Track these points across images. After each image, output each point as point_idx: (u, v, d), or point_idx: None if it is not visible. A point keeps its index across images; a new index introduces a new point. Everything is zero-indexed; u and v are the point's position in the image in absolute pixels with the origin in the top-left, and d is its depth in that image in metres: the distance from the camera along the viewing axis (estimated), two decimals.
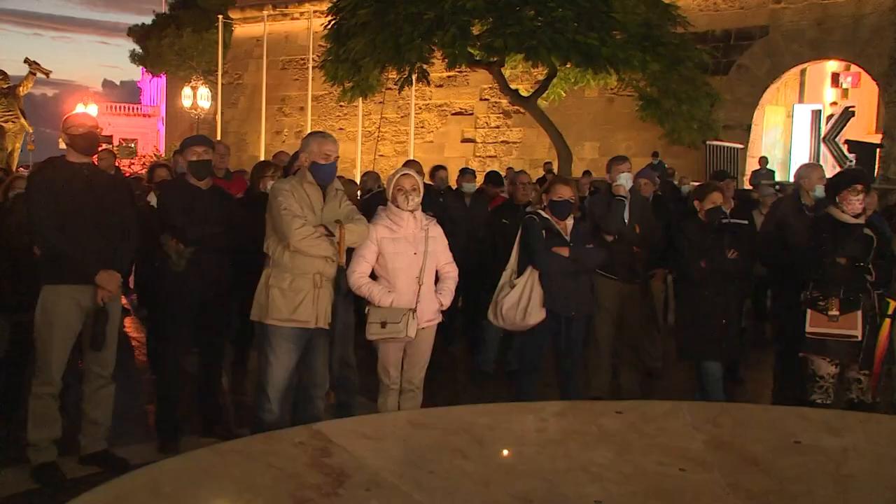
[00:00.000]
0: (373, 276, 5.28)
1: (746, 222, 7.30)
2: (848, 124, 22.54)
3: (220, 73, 29.06)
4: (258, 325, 5.08)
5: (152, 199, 7.32)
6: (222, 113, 29.03)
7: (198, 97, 30.91)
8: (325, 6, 21.03)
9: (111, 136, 38.77)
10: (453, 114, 26.70)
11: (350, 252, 5.14)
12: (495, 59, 17.53)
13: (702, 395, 6.02)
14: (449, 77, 25.21)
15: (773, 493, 2.97)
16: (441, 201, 8.12)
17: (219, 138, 26.57)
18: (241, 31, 31.76)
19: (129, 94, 73.75)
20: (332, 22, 18.71)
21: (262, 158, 22.57)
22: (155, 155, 34.67)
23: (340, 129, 27.54)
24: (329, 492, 2.68)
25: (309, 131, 24.93)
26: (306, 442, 3.06)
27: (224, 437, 5.13)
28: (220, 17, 29.32)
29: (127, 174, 15.67)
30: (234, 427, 5.80)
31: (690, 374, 6.62)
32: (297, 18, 29.25)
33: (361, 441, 3.13)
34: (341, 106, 25.37)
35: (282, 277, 4.95)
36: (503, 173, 11.94)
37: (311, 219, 4.93)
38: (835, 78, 24.01)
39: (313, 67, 24.03)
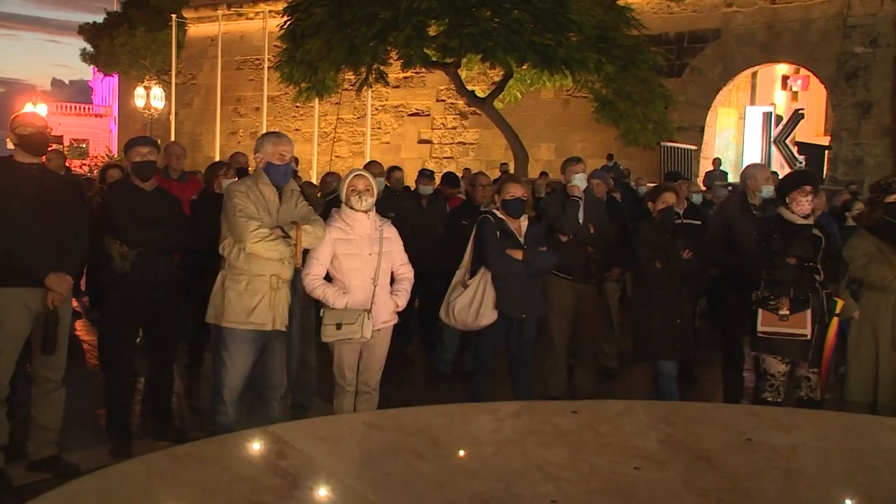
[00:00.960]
0: (328, 277, 5.26)
1: (700, 223, 7.41)
2: (798, 126, 22.94)
3: (173, 72, 28.75)
4: (214, 328, 5.03)
5: None
6: (176, 113, 28.72)
7: (151, 97, 30.55)
8: (280, 6, 20.94)
9: (61, 137, 38.16)
10: (410, 115, 26.69)
11: (307, 253, 5.11)
12: (451, 60, 17.57)
13: (657, 394, 6.09)
14: (405, 78, 25.20)
15: (726, 490, 3.01)
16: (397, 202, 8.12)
17: (173, 139, 26.29)
18: (195, 30, 31.46)
19: (79, 94, 72.55)
20: (288, 22, 18.61)
21: (217, 159, 22.40)
22: (107, 156, 34.20)
23: (296, 129, 27.38)
24: (284, 494, 2.66)
25: (264, 132, 24.80)
26: (261, 444, 3.03)
27: (178, 440, 5.07)
28: (174, 16, 29.03)
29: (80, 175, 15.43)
30: (188, 430, 5.73)
31: (646, 374, 6.68)
32: (252, 18, 29.04)
33: (317, 443, 3.11)
34: (297, 107, 25.27)
35: (238, 279, 4.91)
36: (460, 174, 11.96)
37: (267, 220, 4.89)
38: (785, 81, 24.45)
39: (269, 68, 23.88)
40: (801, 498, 3.01)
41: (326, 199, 7.50)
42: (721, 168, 20.20)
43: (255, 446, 3.04)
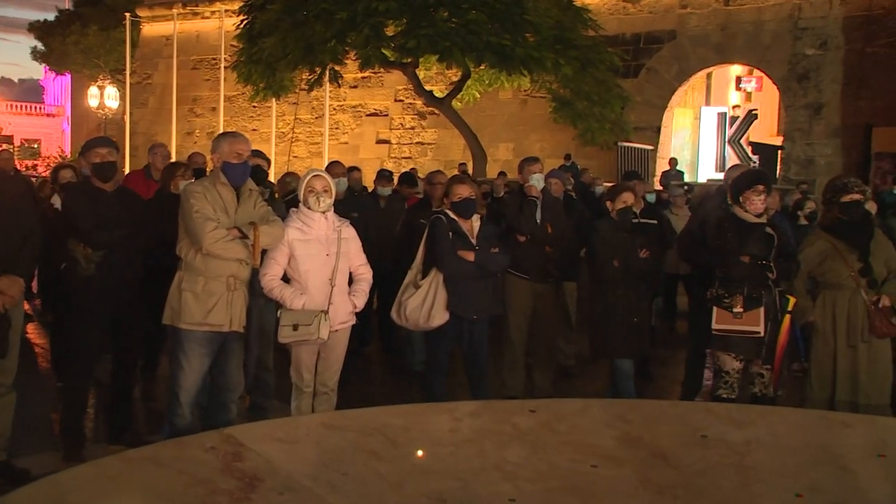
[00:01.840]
0: (285, 278, 5.23)
1: (656, 222, 7.47)
2: (751, 126, 23.26)
3: (128, 72, 28.34)
4: (170, 329, 4.97)
5: (56, 201, 7.09)
6: (131, 113, 28.34)
7: (105, 97, 30.13)
8: (236, 6, 20.78)
9: (11, 137, 37.52)
10: (368, 115, 26.62)
11: (265, 254, 5.07)
12: (409, 60, 17.57)
13: (614, 392, 6.13)
14: (363, 78, 25.14)
15: (681, 487, 3.04)
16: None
17: (127, 139, 25.99)
18: (149, 29, 31.07)
19: (29, 93, 71.00)
20: (244, 22, 18.48)
21: (174, 159, 22.13)
22: (60, 156, 33.65)
23: (254, 129, 27.17)
24: (241, 497, 2.65)
25: (221, 132, 24.57)
26: (218, 447, 3.01)
27: (132, 444, 5.00)
28: (128, 14, 28.62)
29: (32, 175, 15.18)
30: (143, 434, 5.66)
31: (603, 372, 6.73)
32: (208, 18, 28.76)
33: (274, 444, 3.10)
34: (254, 106, 25.09)
35: (194, 281, 4.86)
36: (422, 175, 11.95)
37: (225, 221, 4.85)
38: (739, 82, 24.78)
39: (225, 67, 23.67)
40: (754, 493, 3.06)
41: (285, 200, 7.44)
42: (677, 168, 20.41)
43: (212, 448, 3.02)
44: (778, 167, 21.20)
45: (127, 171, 19.50)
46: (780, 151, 21.48)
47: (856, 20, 19.77)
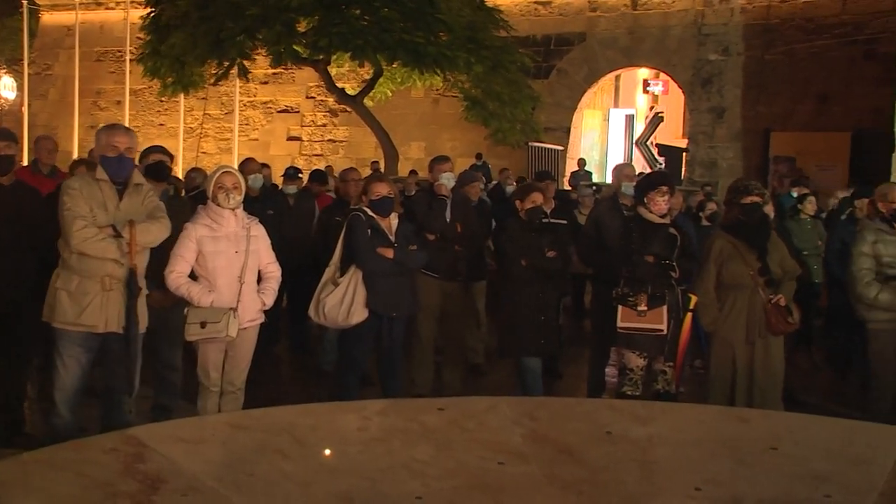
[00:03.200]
0: (193, 275, 5.13)
1: (565, 222, 7.58)
2: (658, 129, 23.82)
3: (25, 62, 27.31)
4: (50, 327, 4.83)
5: None
6: (29, 105, 27.34)
7: (1, 87, 29.03)
8: None
9: None
10: (279, 111, 26.28)
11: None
12: (321, 57, 17.42)
13: (522, 390, 6.20)
14: (274, 74, 24.81)
15: (586, 482, 3.09)
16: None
17: (25, 131, 25.06)
18: (49, 18, 29.98)
19: None
20: (151, 13, 18.05)
21: (76, 153, 21.52)
22: None
23: (161, 124, 26.55)
24: (143, 499, 2.59)
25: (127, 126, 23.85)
26: (119, 448, 2.93)
27: (27, 446, 4.84)
28: (25, 2, 27.59)
29: None
30: (39, 435, 5.48)
31: (512, 370, 6.80)
32: (113, 8, 27.94)
33: (178, 445, 3.04)
34: (161, 101, 24.48)
35: (69, 279, 4.72)
36: (337, 171, 11.89)
37: (102, 218, 4.69)
38: (646, 85, 25.34)
39: (131, 60, 23.06)
40: (656, 487, 3.13)
41: (189, 195, 7.30)
42: (586, 168, 20.76)
43: (112, 450, 2.94)
44: (683, 169, 21.77)
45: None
46: (685, 153, 22.05)
47: (755, 28, 20.43)
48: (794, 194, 10.67)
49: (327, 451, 3.29)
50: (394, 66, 17.53)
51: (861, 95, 18.33)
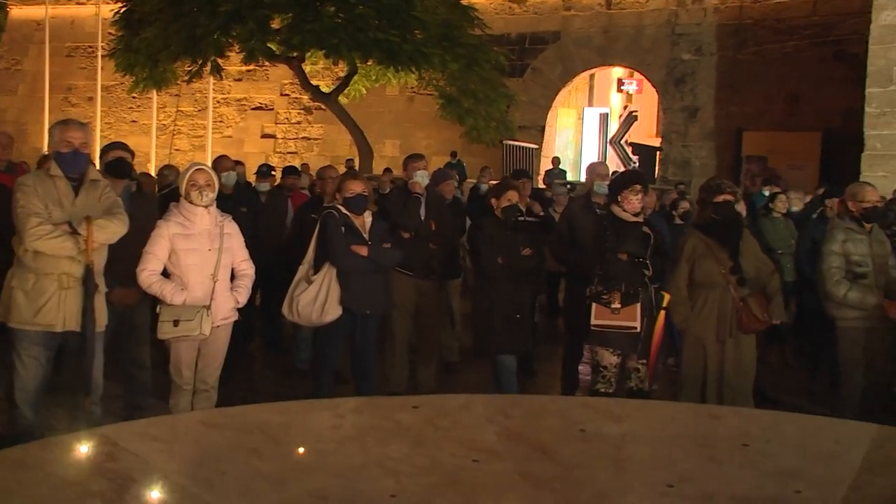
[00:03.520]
0: (166, 273, 5.10)
1: (539, 218, 7.59)
2: (632, 128, 23.93)
3: None
4: (6, 327, 4.77)
5: None
6: None
7: None
8: None
9: None
10: (253, 108, 26.16)
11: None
12: (295, 54, 17.36)
13: (497, 387, 6.21)
14: (248, 71, 24.69)
15: (559, 480, 3.10)
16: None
17: None
18: (18, 12, 29.59)
19: None
20: (123, 9, 17.90)
21: (46, 150, 21.23)
22: None
23: (133, 121, 26.35)
24: (113, 498, 2.56)
25: (98, 123, 23.64)
26: (90, 447, 2.91)
27: None
28: None
29: None
30: (6, 434, 5.41)
31: (486, 368, 6.81)
32: (84, 3, 27.65)
33: (150, 444, 3.01)
34: (134, 97, 24.29)
35: (25, 278, 4.65)
36: (312, 170, 11.85)
37: (57, 215, 4.62)
38: (620, 84, 25.46)
39: (103, 56, 22.84)
40: (628, 484, 3.15)
41: (162, 193, 7.26)
42: (560, 167, 20.83)
43: (83, 449, 2.91)
44: (657, 168, 21.90)
45: None
46: (658, 152, 22.19)
47: (728, 28, 20.59)
48: (766, 193, 10.76)
49: (301, 450, 3.28)
50: (368, 63, 17.50)
51: (831, 96, 18.53)
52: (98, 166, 5.70)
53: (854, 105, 14.53)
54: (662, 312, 5.59)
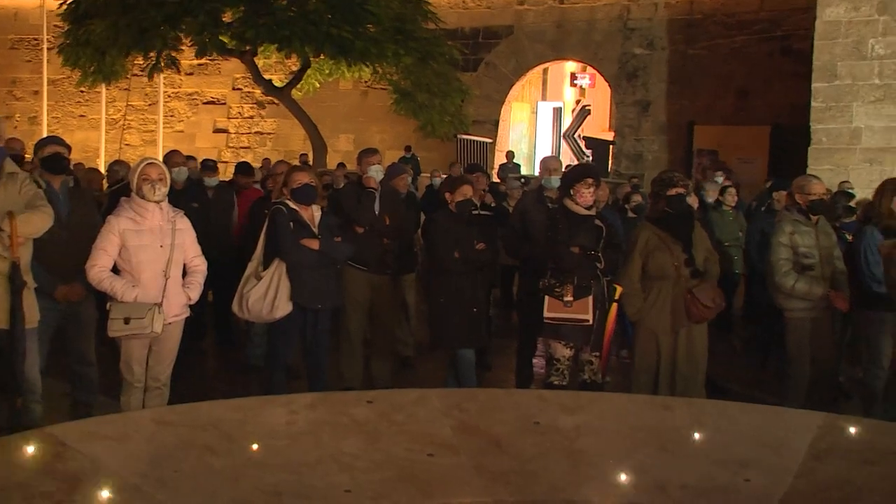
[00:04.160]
0: (116, 269, 5.03)
1: (492, 211, 7.62)
2: (585, 122, 24.07)
3: None
4: None
5: None
6: None
7: None
8: None
9: None
10: (205, 103, 25.84)
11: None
12: (247, 48, 17.18)
13: (455, 381, 6.22)
14: (200, 65, 24.37)
15: (514, 473, 3.13)
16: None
17: None
18: None
19: None
20: (68, 1, 17.57)
21: None
22: None
23: (81, 115, 25.89)
24: (62, 499, 2.52)
25: (45, 118, 23.16)
26: (36, 447, 2.86)
27: None
28: None
29: None
30: None
31: (441, 362, 6.82)
32: None
33: (100, 442, 2.97)
34: (82, 91, 23.86)
35: None
36: (258, 164, 11.75)
37: None
38: (573, 78, 25.59)
39: (49, 49, 22.40)
40: (583, 475, 3.18)
41: (112, 189, 7.15)
42: (514, 161, 20.89)
43: (30, 449, 2.86)
44: (610, 161, 22.06)
45: None
46: (611, 146, 22.35)
47: (678, 23, 20.79)
48: (720, 180, 10.89)
49: (255, 446, 3.26)
50: (321, 58, 17.39)
51: (779, 90, 18.82)
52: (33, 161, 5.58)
53: (801, 99, 14.77)
54: (615, 305, 5.64)
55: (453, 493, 3.01)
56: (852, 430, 3.48)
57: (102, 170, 13.86)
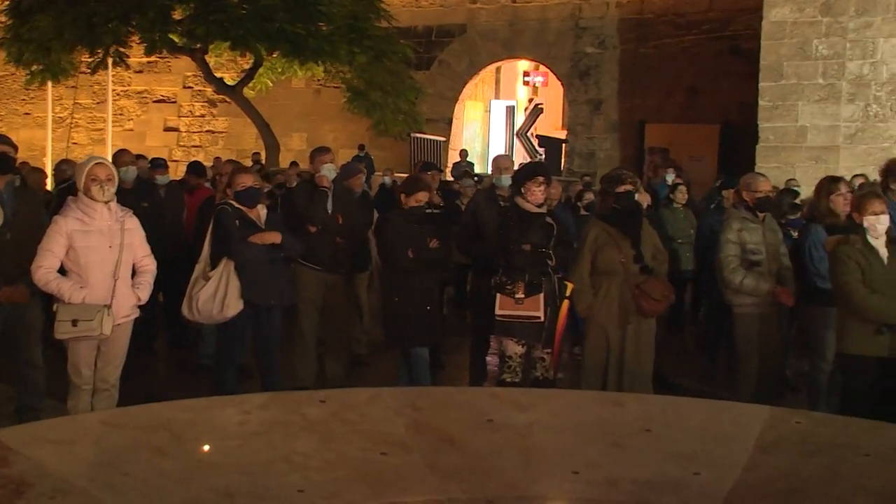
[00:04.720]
0: (63, 271, 4.95)
1: (442, 209, 7.63)
2: (538, 120, 24.22)
3: None
4: None
5: None
6: None
7: None
8: None
9: None
10: (155, 101, 25.53)
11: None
12: (198, 46, 17.01)
13: (410, 380, 6.22)
14: (150, 63, 24.07)
15: (467, 470, 3.13)
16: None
17: None
18: None
19: None
20: None
21: None
22: None
23: (27, 113, 25.43)
24: None
25: None
26: None
27: None
28: None
29: None
30: None
31: (395, 360, 6.82)
32: None
33: (47, 446, 2.91)
34: (27, 89, 23.42)
35: None
36: (209, 163, 11.62)
37: None
38: (526, 76, 25.73)
39: None
40: (536, 472, 3.20)
41: (59, 188, 7.04)
42: (468, 159, 20.95)
43: None
44: (562, 160, 22.22)
45: None
46: (564, 144, 22.51)
47: (629, 22, 21.00)
48: (671, 179, 11.02)
49: (206, 447, 3.23)
50: (274, 56, 17.27)
51: (728, 89, 19.10)
52: None
53: (749, 99, 15.02)
54: (566, 302, 5.68)
55: (406, 492, 3.01)
56: (797, 422, 3.54)
57: (49, 169, 13.63)
